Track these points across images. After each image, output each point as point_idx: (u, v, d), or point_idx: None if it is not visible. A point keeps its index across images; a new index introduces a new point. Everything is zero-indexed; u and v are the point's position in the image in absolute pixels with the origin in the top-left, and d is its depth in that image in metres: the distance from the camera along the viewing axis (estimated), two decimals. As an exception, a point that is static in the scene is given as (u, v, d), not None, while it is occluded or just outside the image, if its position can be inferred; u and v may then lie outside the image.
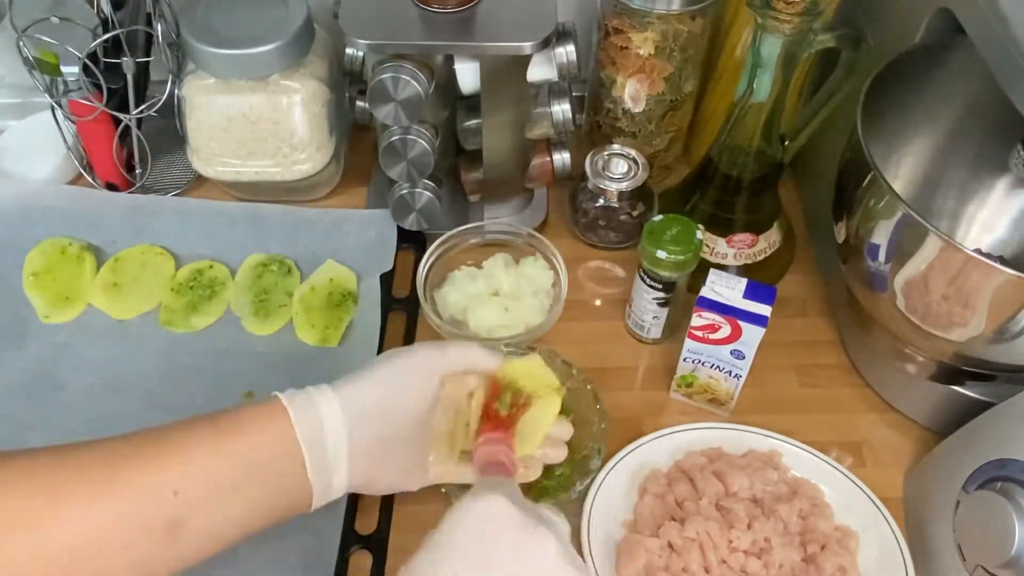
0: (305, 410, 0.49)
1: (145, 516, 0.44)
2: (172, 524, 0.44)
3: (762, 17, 0.62)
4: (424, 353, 0.54)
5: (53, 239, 0.78)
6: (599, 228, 0.81)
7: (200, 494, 0.45)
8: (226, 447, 0.47)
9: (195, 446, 0.46)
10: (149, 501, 0.44)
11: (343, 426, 0.50)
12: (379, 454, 0.52)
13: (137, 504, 0.44)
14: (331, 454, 0.49)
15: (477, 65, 0.70)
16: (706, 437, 0.67)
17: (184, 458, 0.46)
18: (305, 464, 0.48)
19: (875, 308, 0.65)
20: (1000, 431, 0.57)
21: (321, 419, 0.49)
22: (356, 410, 0.50)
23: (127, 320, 0.75)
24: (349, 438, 0.50)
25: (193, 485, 0.45)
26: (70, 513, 0.42)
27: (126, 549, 0.43)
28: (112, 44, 0.75)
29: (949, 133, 0.67)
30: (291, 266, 0.78)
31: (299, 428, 0.48)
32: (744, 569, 0.59)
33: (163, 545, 0.44)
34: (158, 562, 0.45)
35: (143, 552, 0.44)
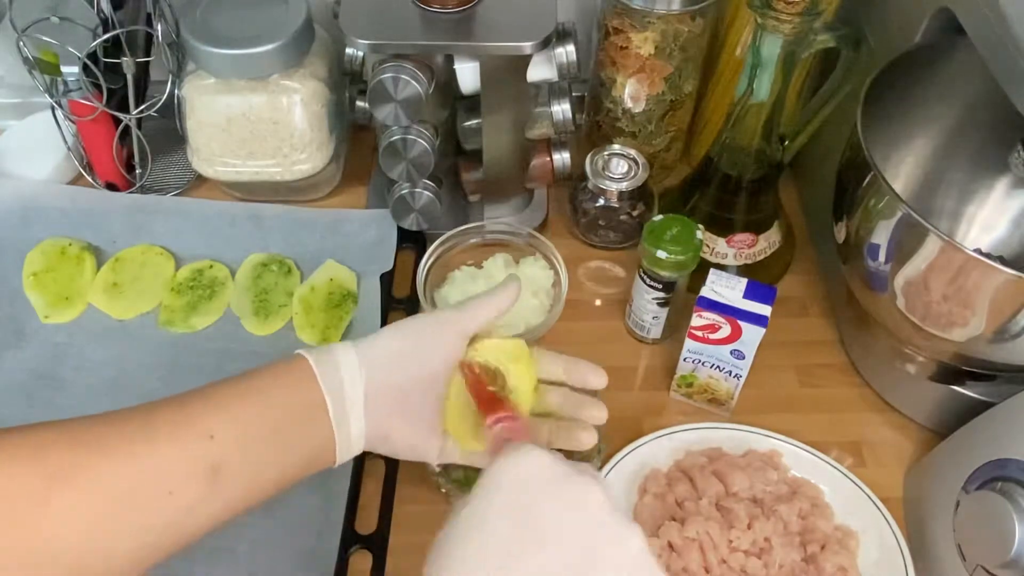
0: (326, 362, 0.50)
1: (186, 460, 0.44)
2: (212, 468, 0.45)
3: (762, 17, 0.62)
4: (447, 313, 0.55)
5: (53, 239, 0.78)
6: (599, 228, 0.81)
7: (235, 439, 0.46)
8: (255, 398, 0.48)
9: (226, 398, 0.47)
10: (188, 447, 0.45)
11: (359, 373, 0.50)
12: (395, 404, 0.52)
13: (177, 450, 0.44)
14: (348, 399, 0.50)
15: (477, 65, 0.70)
16: (706, 437, 0.67)
17: (217, 409, 0.47)
18: (328, 411, 0.49)
19: (875, 308, 0.65)
20: (1000, 431, 0.57)
21: (339, 368, 0.50)
22: (372, 358, 0.51)
23: (127, 320, 0.75)
24: (366, 384, 0.50)
25: (228, 432, 0.46)
26: (112, 463, 0.42)
27: (171, 495, 0.44)
28: (112, 44, 0.75)
29: (949, 133, 0.67)
30: (291, 266, 0.78)
31: (321, 378, 0.49)
32: (744, 569, 0.59)
33: (206, 490, 0.45)
34: (202, 509, 0.45)
35: (188, 498, 0.44)
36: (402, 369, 0.52)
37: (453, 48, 0.68)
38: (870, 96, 0.61)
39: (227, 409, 0.47)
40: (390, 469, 0.66)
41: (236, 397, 0.48)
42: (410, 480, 0.66)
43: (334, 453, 0.51)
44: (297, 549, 0.62)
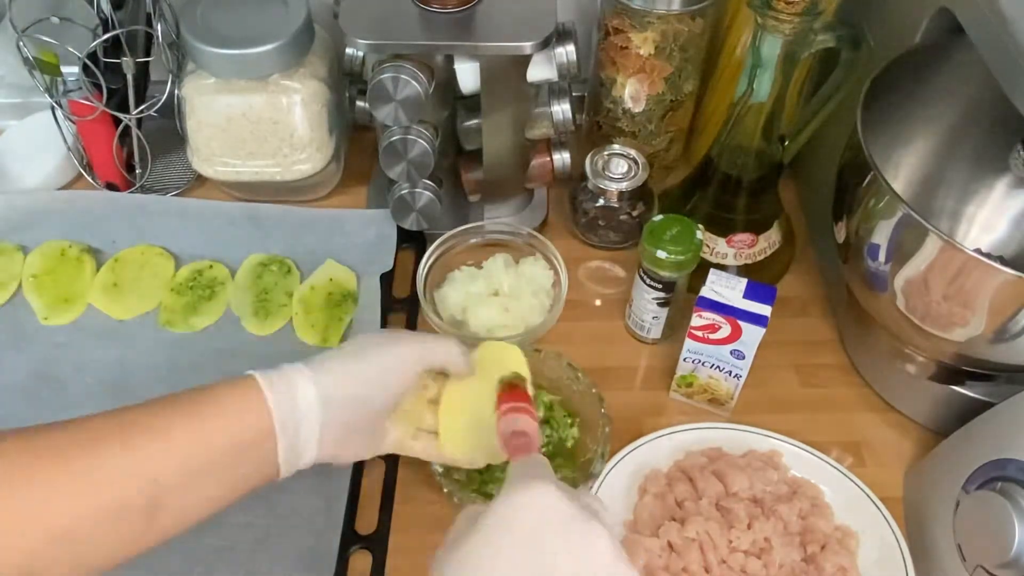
0: (282, 393, 0.49)
1: (125, 500, 0.44)
2: (151, 506, 0.45)
3: (762, 17, 0.62)
4: (407, 349, 0.54)
5: (52, 242, 0.78)
6: (599, 228, 0.81)
7: (178, 477, 0.46)
8: (204, 430, 0.47)
9: (173, 429, 0.47)
10: (129, 487, 0.44)
11: (317, 412, 0.50)
12: (347, 437, 0.52)
13: (117, 490, 0.44)
14: (304, 435, 0.50)
15: (477, 65, 0.70)
16: (706, 437, 0.67)
17: (163, 442, 0.46)
18: (277, 442, 0.49)
19: (875, 308, 0.65)
20: (1000, 431, 0.57)
21: (296, 404, 0.50)
22: (332, 395, 0.51)
23: (127, 320, 0.75)
24: (321, 422, 0.50)
25: (171, 469, 0.46)
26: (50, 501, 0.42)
27: (108, 534, 0.44)
28: (112, 44, 0.75)
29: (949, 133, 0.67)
30: (291, 266, 0.78)
31: (276, 412, 0.49)
32: (744, 569, 0.59)
33: (143, 526, 0.45)
34: (138, 541, 0.46)
35: (124, 534, 0.45)
36: (359, 407, 0.52)
37: (453, 48, 0.68)
38: (870, 96, 0.61)
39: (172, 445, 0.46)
40: (390, 469, 0.66)
41: (184, 428, 0.47)
42: (410, 480, 0.66)
43: (278, 475, 0.51)
44: (297, 549, 0.62)
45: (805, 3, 0.61)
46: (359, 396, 0.52)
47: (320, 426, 0.50)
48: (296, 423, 0.49)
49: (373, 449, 0.55)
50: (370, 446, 0.55)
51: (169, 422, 0.47)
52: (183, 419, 0.47)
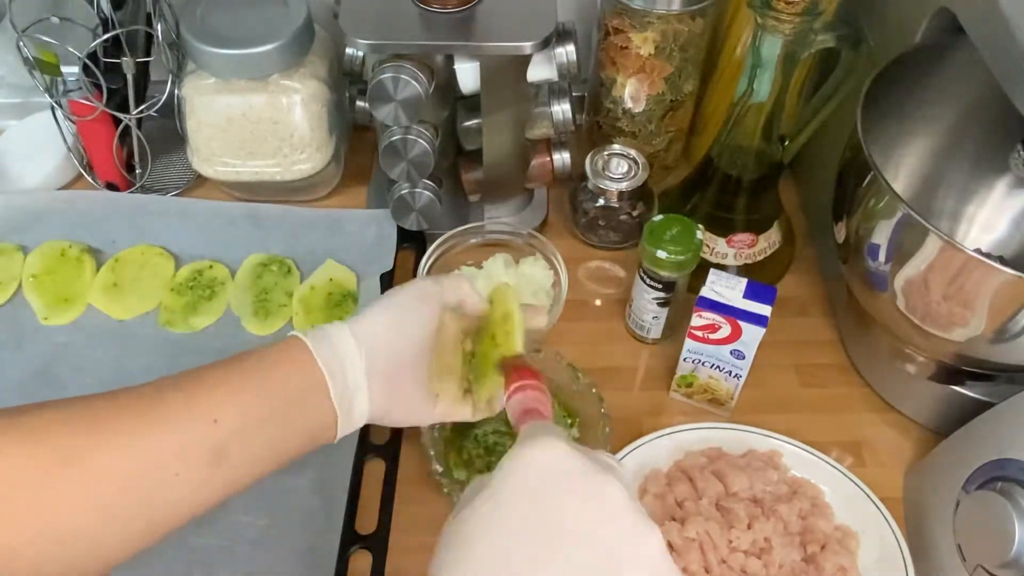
0: (323, 342, 0.51)
1: (190, 444, 0.45)
2: (215, 451, 0.45)
3: (762, 17, 0.62)
4: (423, 284, 0.56)
5: (53, 242, 0.78)
6: (599, 228, 0.81)
7: (238, 422, 0.46)
8: (256, 380, 0.48)
9: (228, 381, 0.48)
10: (192, 430, 0.45)
11: (358, 353, 0.51)
12: (393, 379, 0.53)
13: (181, 433, 0.45)
14: (351, 380, 0.51)
15: (477, 65, 0.70)
16: (706, 437, 0.67)
17: (219, 392, 0.47)
18: (329, 391, 0.50)
19: (875, 308, 0.65)
20: (1000, 431, 0.57)
21: (337, 348, 0.51)
22: (368, 338, 0.52)
23: (127, 320, 0.75)
24: (366, 363, 0.51)
25: (231, 416, 0.46)
26: (115, 446, 0.43)
27: (176, 477, 0.44)
28: (112, 44, 0.75)
29: (949, 133, 0.67)
30: (291, 266, 0.78)
31: (320, 359, 0.50)
32: (744, 569, 0.59)
33: (209, 472, 0.45)
34: (207, 489, 0.46)
35: (192, 480, 0.45)
36: (395, 345, 0.53)
37: (453, 48, 0.68)
38: (870, 96, 0.61)
39: (230, 393, 0.47)
40: (390, 469, 0.66)
41: (238, 381, 0.48)
42: (410, 480, 0.66)
43: (335, 430, 0.51)
44: (297, 549, 0.62)
45: (805, 3, 0.61)
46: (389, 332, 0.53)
47: (365, 371, 0.51)
48: (342, 368, 0.50)
49: (426, 413, 0.55)
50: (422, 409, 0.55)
51: (224, 375, 0.48)
52: (234, 372, 0.48)
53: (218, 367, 0.49)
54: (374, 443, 0.67)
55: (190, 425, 0.45)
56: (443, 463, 0.63)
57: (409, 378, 0.53)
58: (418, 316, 0.54)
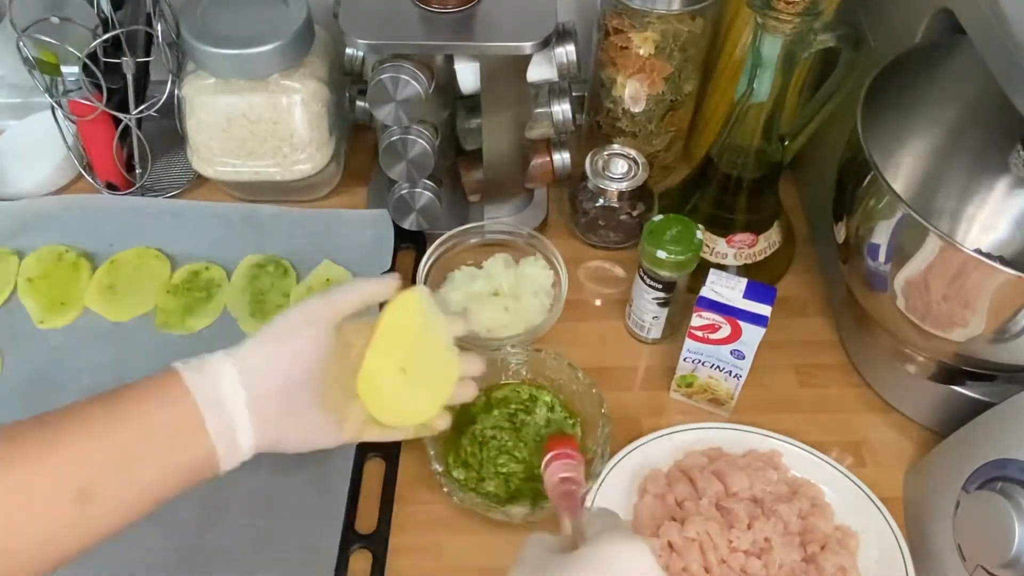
0: (199, 374, 0.49)
1: (52, 485, 0.44)
2: (80, 493, 0.44)
3: (762, 17, 0.62)
4: (309, 304, 0.53)
5: (50, 246, 0.78)
6: (599, 228, 0.81)
7: (105, 463, 0.45)
8: (127, 416, 0.47)
9: (95, 419, 0.46)
10: (54, 471, 0.44)
11: (238, 382, 0.50)
12: (281, 409, 0.51)
13: (43, 475, 0.44)
14: (230, 411, 0.49)
15: (477, 65, 0.70)
16: (706, 437, 0.67)
17: (85, 431, 0.46)
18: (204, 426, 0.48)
19: (875, 308, 0.65)
20: (1000, 431, 0.57)
21: (215, 379, 0.49)
22: (248, 366, 0.50)
23: (123, 323, 0.75)
24: (246, 393, 0.50)
25: (97, 455, 0.45)
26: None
27: (36, 518, 0.43)
28: (112, 44, 0.75)
29: (949, 133, 0.67)
30: (287, 267, 0.78)
31: (196, 392, 0.48)
32: (744, 569, 0.59)
33: (73, 515, 0.44)
34: (69, 534, 0.45)
35: (54, 522, 0.44)
36: (280, 372, 0.51)
37: (453, 48, 0.68)
38: (870, 96, 0.61)
39: (96, 431, 0.46)
40: (390, 469, 0.66)
41: (104, 418, 0.47)
42: (410, 480, 0.66)
43: (218, 465, 0.50)
44: (297, 549, 0.61)
45: (805, 3, 0.61)
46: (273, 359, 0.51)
47: (246, 401, 0.49)
48: (219, 398, 0.49)
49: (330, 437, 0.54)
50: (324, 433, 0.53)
51: (90, 413, 0.47)
52: (103, 409, 0.47)
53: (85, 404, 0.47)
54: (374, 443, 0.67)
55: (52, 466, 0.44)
56: (442, 463, 0.63)
57: (303, 403, 0.52)
58: (306, 339, 0.52)
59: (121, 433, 0.46)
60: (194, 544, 0.61)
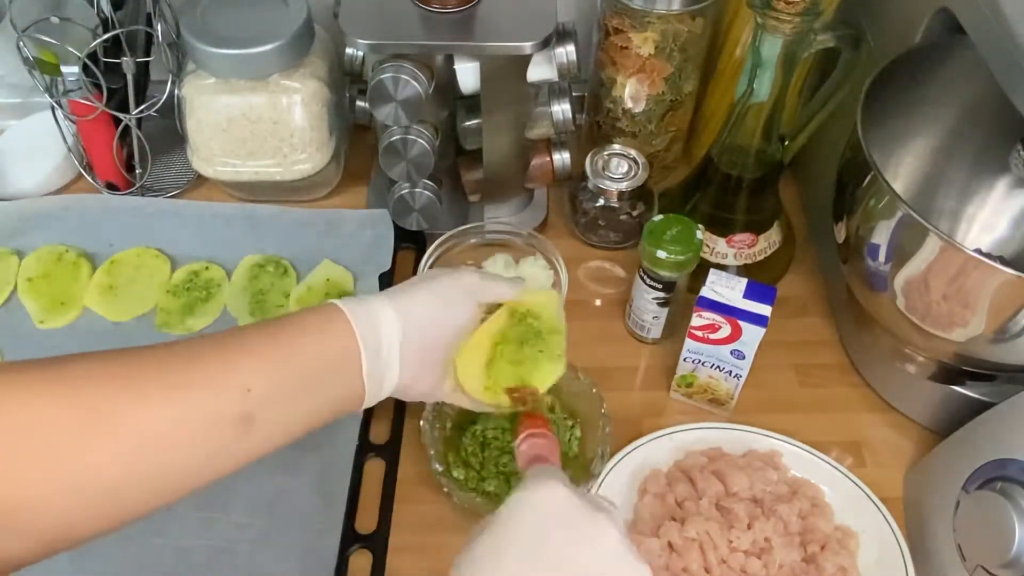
0: (363, 315, 0.51)
1: (219, 410, 0.45)
2: (244, 418, 0.46)
3: (762, 17, 0.62)
4: (468, 278, 0.56)
5: (50, 246, 0.78)
6: (599, 228, 0.81)
7: (269, 391, 0.47)
8: (293, 348, 0.49)
9: (264, 347, 0.48)
10: (223, 396, 0.46)
11: (396, 331, 0.52)
12: (423, 361, 0.54)
13: (212, 398, 0.45)
14: (384, 356, 0.51)
15: (477, 65, 0.70)
16: (706, 437, 0.67)
17: (255, 358, 0.48)
18: (361, 364, 0.50)
19: (875, 308, 0.65)
20: (1000, 431, 0.57)
21: (376, 321, 0.51)
22: (408, 316, 0.52)
23: (123, 323, 0.75)
24: (401, 342, 0.52)
25: (263, 383, 0.47)
26: (149, 405, 0.43)
27: (203, 440, 0.45)
28: (112, 44, 0.75)
29: (949, 133, 0.67)
30: (287, 267, 0.78)
31: (358, 330, 0.50)
32: (744, 569, 0.59)
33: (235, 438, 0.46)
34: (230, 454, 0.46)
35: (217, 444, 0.45)
36: (432, 329, 0.53)
37: (453, 48, 0.68)
38: (870, 96, 0.61)
39: (264, 360, 0.48)
40: (390, 469, 0.66)
41: (274, 348, 0.48)
42: (410, 480, 0.66)
43: (361, 401, 0.52)
44: (297, 549, 0.62)
45: (805, 3, 0.61)
46: (430, 316, 0.53)
47: (400, 344, 0.52)
48: (377, 340, 0.51)
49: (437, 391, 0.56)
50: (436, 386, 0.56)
51: (262, 341, 0.49)
52: (272, 338, 0.49)
53: (256, 331, 0.49)
54: (374, 443, 0.67)
55: (221, 391, 0.46)
56: (442, 462, 0.63)
57: (436, 361, 0.54)
58: (459, 308, 0.55)
59: (287, 362, 0.48)
60: (194, 544, 0.61)
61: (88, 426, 0.42)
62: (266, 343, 0.48)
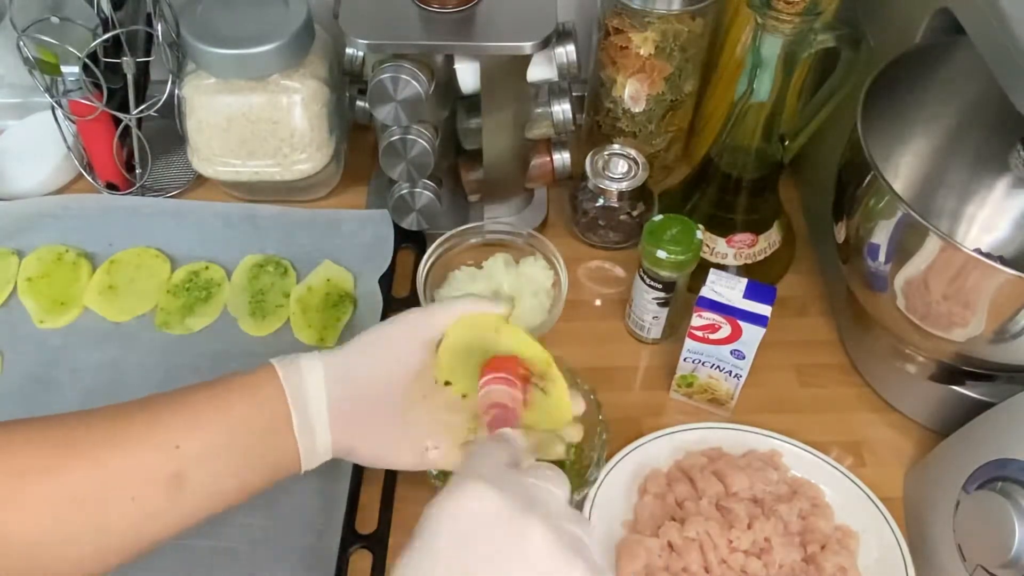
0: (293, 372, 0.51)
1: (149, 468, 0.45)
2: (175, 477, 0.45)
3: (762, 17, 0.62)
4: (412, 319, 0.53)
5: (50, 246, 0.78)
6: (599, 228, 0.81)
7: (200, 450, 0.47)
8: (224, 407, 0.48)
9: (194, 408, 0.48)
10: (153, 453, 0.45)
11: (323, 386, 0.51)
12: (360, 418, 0.52)
13: (141, 456, 0.45)
14: (313, 412, 0.50)
15: (477, 65, 0.70)
16: (706, 437, 0.67)
17: (184, 419, 0.47)
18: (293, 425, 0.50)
19: (875, 308, 0.65)
20: (1000, 431, 0.57)
21: (304, 379, 0.50)
22: (337, 372, 0.51)
23: (123, 323, 0.75)
24: (328, 398, 0.51)
25: (194, 441, 0.46)
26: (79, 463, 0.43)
27: (133, 500, 0.45)
28: (112, 44, 0.75)
29: (949, 133, 0.67)
30: (287, 267, 0.78)
31: (288, 389, 0.50)
32: (744, 569, 0.59)
33: (167, 498, 0.46)
34: (164, 516, 0.46)
35: (150, 505, 0.45)
36: (365, 383, 0.52)
37: (453, 48, 0.68)
38: (870, 96, 0.61)
39: (194, 420, 0.47)
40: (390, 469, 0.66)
41: (204, 408, 0.48)
42: (410, 480, 0.66)
43: (299, 464, 0.51)
44: (297, 549, 0.61)
45: (805, 3, 0.61)
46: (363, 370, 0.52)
47: (327, 402, 0.50)
48: (304, 400, 0.50)
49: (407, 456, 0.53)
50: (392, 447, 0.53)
51: (193, 400, 0.48)
52: (203, 398, 0.49)
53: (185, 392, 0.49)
54: (374, 443, 0.67)
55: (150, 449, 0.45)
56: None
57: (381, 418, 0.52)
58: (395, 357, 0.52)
59: (218, 425, 0.48)
60: (194, 544, 0.61)
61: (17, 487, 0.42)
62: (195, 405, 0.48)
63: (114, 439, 0.45)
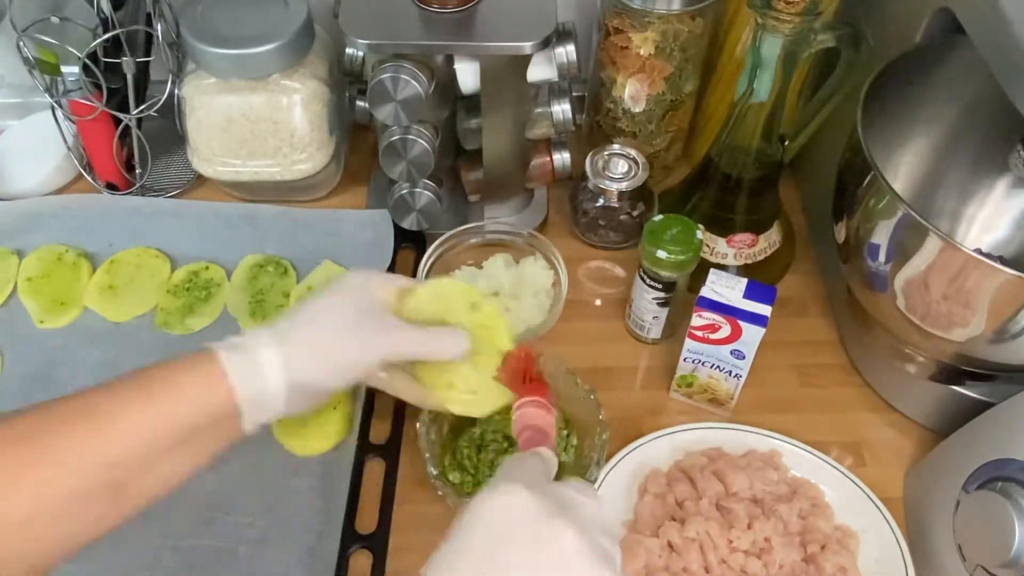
0: (240, 362, 0.49)
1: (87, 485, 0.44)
2: (113, 488, 0.45)
3: (762, 17, 0.62)
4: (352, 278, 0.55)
5: (50, 246, 0.78)
6: (599, 228, 0.81)
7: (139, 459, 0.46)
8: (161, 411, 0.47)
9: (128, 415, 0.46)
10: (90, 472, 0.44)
11: (281, 375, 0.50)
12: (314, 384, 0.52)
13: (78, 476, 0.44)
14: (268, 402, 0.50)
15: (477, 65, 0.70)
16: (706, 437, 0.67)
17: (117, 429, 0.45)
18: (242, 415, 0.49)
19: (875, 308, 0.65)
20: (1000, 431, 0.57)
21: (259, 368, 0.49)
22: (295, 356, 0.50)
23: (123, 323, 0.75)
24: (287, 387, 0.50)
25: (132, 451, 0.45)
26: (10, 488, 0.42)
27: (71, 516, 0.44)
28: (112, 44, 0.75)
29: (949, 133, 0.67)
30: (287, 267, 0.78)
31: (239, 383, 0.48)
32: (744, 569, 0.59)
33: (106, 508, 0.45)
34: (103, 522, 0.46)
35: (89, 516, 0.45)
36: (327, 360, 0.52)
37: (453, 48, 0.68)
38: (870, 96, 0.61)
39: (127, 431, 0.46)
40: (390, 469, 0.66)
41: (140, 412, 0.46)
42: (410, 480, 0.66)
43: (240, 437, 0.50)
44: (297, 549, 0.62)
45: (805, 3, 0.61)
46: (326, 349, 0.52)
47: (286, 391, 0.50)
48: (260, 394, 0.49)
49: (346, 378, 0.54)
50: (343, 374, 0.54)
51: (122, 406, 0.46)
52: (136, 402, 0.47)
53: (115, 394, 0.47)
54: (374, 443, 0.67)
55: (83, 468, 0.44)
56: (438, 465, 0.63)
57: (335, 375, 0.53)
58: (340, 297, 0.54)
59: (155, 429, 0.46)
60: (194, 544, 0.61)
61: None
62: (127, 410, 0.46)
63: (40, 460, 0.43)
